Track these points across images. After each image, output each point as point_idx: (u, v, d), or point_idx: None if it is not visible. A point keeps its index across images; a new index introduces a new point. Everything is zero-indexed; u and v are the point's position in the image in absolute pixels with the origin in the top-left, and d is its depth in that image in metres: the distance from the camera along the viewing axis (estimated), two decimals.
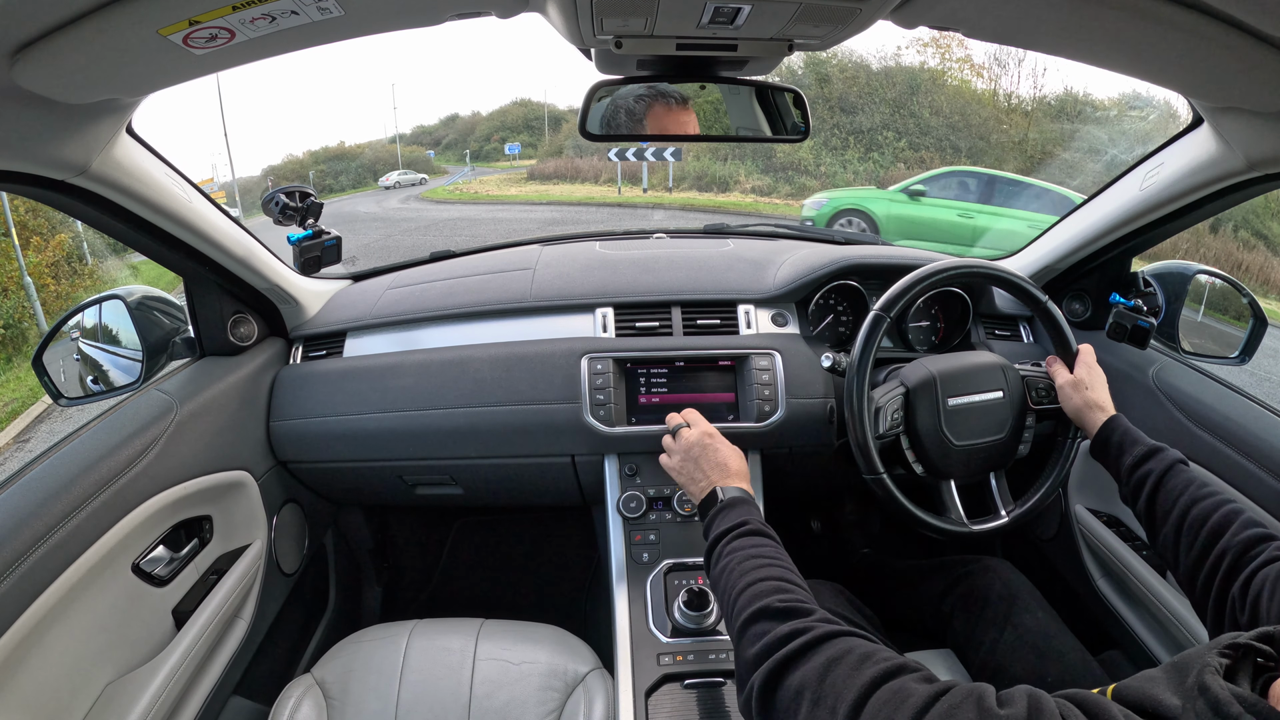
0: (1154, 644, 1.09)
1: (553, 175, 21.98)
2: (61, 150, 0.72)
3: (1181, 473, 0.82)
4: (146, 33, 0.56)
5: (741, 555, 0.73)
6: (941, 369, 1.02)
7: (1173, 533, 0.78)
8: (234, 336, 1.20)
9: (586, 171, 21.02)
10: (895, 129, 17.14)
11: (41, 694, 0.78)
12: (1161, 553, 0.81)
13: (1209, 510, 0.76)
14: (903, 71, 17.78)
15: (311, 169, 31.33)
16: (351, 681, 0.96)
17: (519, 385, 1.17)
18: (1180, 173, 0.96)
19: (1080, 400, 0.97)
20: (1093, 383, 0.98)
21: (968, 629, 0.98)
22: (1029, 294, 1.04)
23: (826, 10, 0.63)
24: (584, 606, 1.71)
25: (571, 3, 0.62)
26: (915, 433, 1.01)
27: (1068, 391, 0.99)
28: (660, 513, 1.14)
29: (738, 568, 0.72)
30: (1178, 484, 0.81)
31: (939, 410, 0.99)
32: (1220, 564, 0.71)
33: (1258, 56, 0.62)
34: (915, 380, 1.01)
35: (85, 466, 0.85)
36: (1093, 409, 0.96)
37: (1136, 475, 0.85)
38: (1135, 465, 0.86)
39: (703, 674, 0.94)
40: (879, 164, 16.73)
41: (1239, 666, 0.42)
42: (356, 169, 30.93)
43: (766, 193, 16.85)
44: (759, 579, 0.68)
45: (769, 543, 0.76)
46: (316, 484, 1.32)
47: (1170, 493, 0.80)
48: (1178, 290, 1.16)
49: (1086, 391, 0.97)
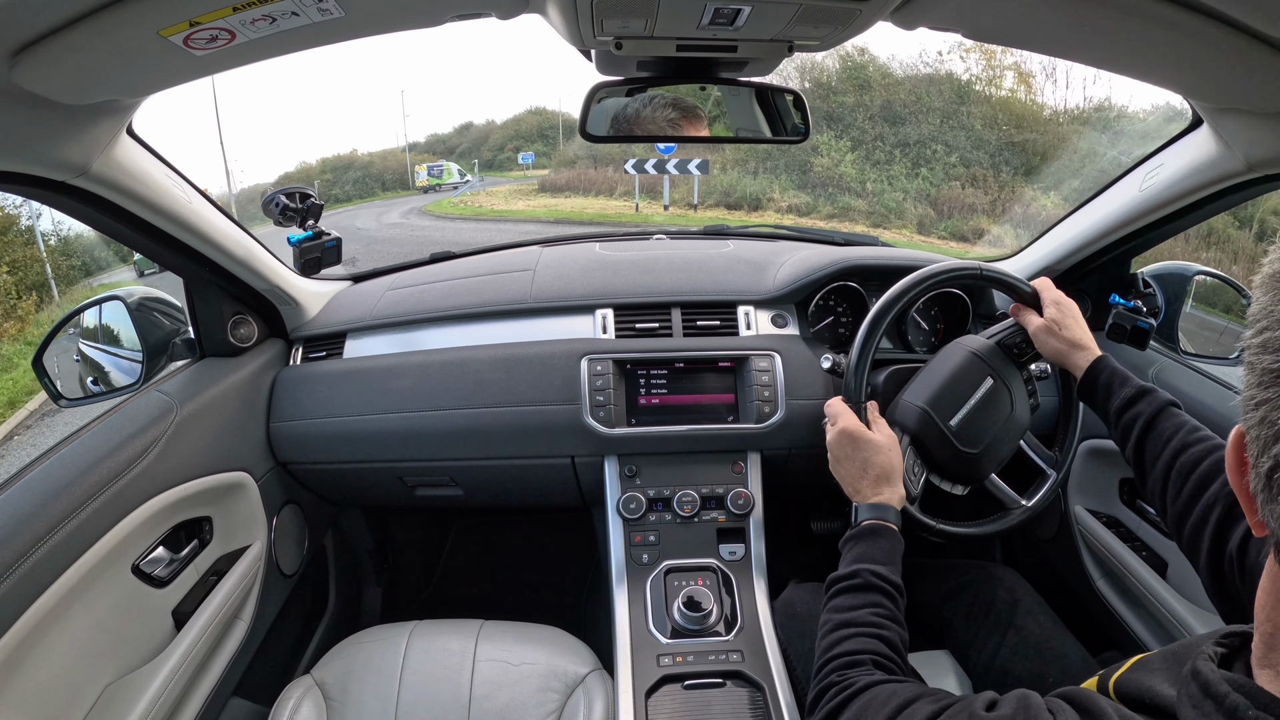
0: (1154, 644, 1.09)
1: (565, 187, 21.03)
2: (62, 151, 0.72)
3: (1173, 416, 0.79)
4: (147, 34, 0.56)
5: (837, 619, 0.75)
6: (928, 396, 0.98)
7: (1160, 478, 0.76)
8: (234, 337, 1.20)
9: (601, 184, 19.99)
10: (945, 142, 15.10)
11: (41, 694, 0.78)
12: (1150, 499, 0.78)
13: (1199, 456, 0.73)
14: (949, 79, 16.01)
15: (318, 177, 31.00)
16: (351, 682, 0.96)
17: (519, 386, 1.17)
18: (1180, 173, 0.96)
19: (1058, 343, 0.93)
20: (1065, 321, 0.93)
21: (970, 633, 0.98)
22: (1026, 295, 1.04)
23: (826, 11, 0.64)
24: (584, 607, 1.71)
25: (571, 4, 0.62)
26: (941, 466, 0.99)
27: (1043, 338, 0.95)
28: (660, 514, 1.14)
29: (831, 635, 0.73)
30: (1168, 427, 0.77)
31: (948, 436, 0.97)
32: (1210, 515, 0.68)
33: (1257, 57, 0.62)
34: (914, 422, 0.98)
35: (85, 467, 0.85)
36: (1074, 350, 0.92)
37: (1126, 418, 0.82)
38: (1124, 407, 0.83)
39: (702, 675, 0.94)
40: (929, 181, 14.79)
41: (1236, 655, 0.42)
42: (362, 178, 30.64)
43: (805, 212, 15.00)
44: (840, 654, 0.70)
45: (869, 601, 0.75)
46: (316, 485, 1.32)
47: (1159, 436, 0.78)
48: (1177, 291, 1.16)
49: (1062, 332, 0.93)
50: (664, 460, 1.17)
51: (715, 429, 1.16)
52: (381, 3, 0.61)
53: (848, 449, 0.89)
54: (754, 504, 1.15)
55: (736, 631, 1.00)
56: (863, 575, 0.77)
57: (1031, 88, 15.04)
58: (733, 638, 0.99)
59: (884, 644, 0.70)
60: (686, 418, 1.17)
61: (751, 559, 1.11)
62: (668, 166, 13.90)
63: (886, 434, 0.91)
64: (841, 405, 0.95)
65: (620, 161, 16.71)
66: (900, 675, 0.68)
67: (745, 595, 1.06)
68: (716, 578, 1.08)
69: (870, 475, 0.87)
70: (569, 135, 32.40)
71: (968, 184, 14.44)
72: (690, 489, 1.14)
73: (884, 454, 0.88)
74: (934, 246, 11.11)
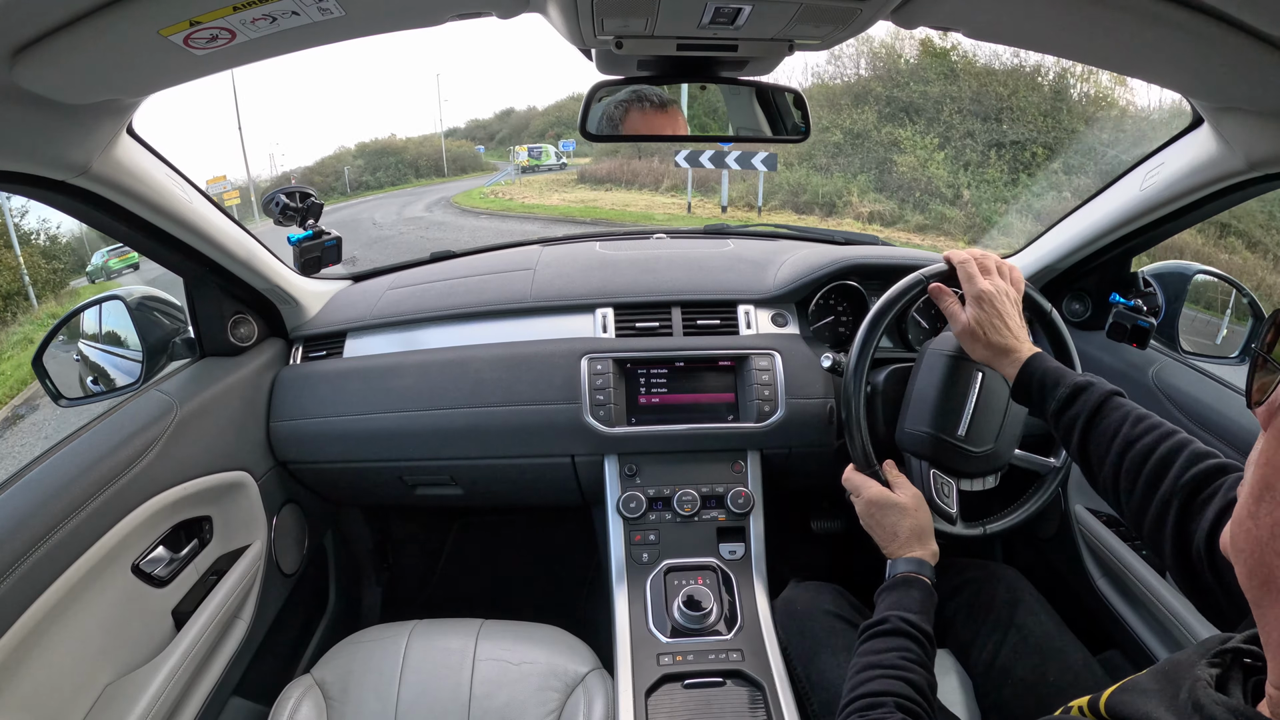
0: (1154, 644, 1.09)
1: (606, 178, 18.45)
2: (62, 150, 0.72)
3: (1113, 410, 0.75)
4: (147, 33, 0.56)
5: (864, 661, 0.75)
6: (929, 419, 0.98)
7: (1110, 480, 0.73)
8: (234, 337, 1.20)
9: (645, 176, 17.42)
10: (1044, 144, 12.19)
11: (41, 694, 0.78)
12: (1103, 496, 0.76)
13: (1146, 450, 0.70)
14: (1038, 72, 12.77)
15: (350, 162, 29.85)
16: (351, 682, 0.96)
17: (519, 385, 1.17)
18: (1180, 173, 0.96)
19: (983, 351, 0.87)
20: (988, 322, 0.86)
21: (971, 632, 0.98)
22: (1028, 297, 1.04)
23: (827, 11, 0.64)
24: (584, 607, 1.71)
25: (572, 3, 0.62)
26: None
27: (968, 343, 0.89)
28: (660, 513, 1.14)
29: (858, 675, 0.74)
30: (1109, 424, 0.74)
31: (961, 447, 0.97)
32: (1167, 512, 0.66)
33: (1258, 56, 0.62)
34: (927, 448, 0.98)
35: (85, 467, 0.85)
36: (1000, 355, 0.86)
37: (1064, 421, 0.79)
38: (1060, 410, 0.79)
39: (702, 674, 0.94)
40: (1030, 189, 11.90)
41: (1229, 673, 0.42)
42: (395, 164, 29.54)
43: (891, 221, 12.15)
44: (863, 694, 0.70)
45: (896, 645, 0.75)
46: (316, 484, 1.32)
47: (1102, 436, 0.74)
48: (1178, 290, 1.16)
49: (988, 335, 0.86)
50: (664, 459, 1.17)
51: (715, 428, 1.16)
52: (382, 2, 0.61)
53: (876, 516, 0.91)
54: (754, 503, 1.15)
55: (736, 631, 1.00)
56: (892, 620, 0.78)
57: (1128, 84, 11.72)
58: (733, 637, 1.00)
59: (909, 686, 0.70)
60: (686, 417, 1.17)
61: (751, 558, 1.11)
62: (727, 159, 11.32)
63: (910, 493, 0.92)
64: (860, 478, 0.95)
65: (668, 152, 14.00)
66: (924, 718, 0.68)
67: (745, 594, 1.06)
68: (716, 577, 1.08)
69: (901, 538, 0.88)
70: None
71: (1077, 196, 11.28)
72: (690, 488, 1.14)
73: (910, 516, 0.89)
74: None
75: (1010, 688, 0.90)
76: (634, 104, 0.90)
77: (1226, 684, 0.41)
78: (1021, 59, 12.74)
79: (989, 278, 0.90)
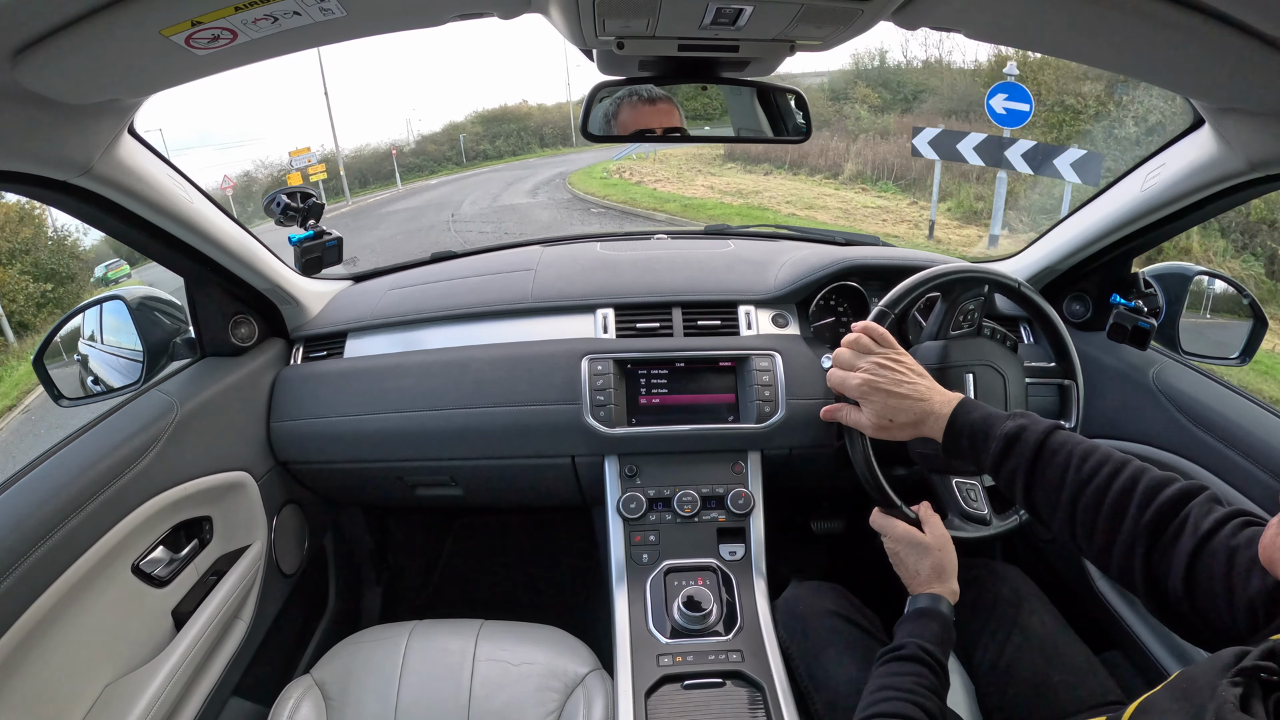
0: (1154, 644, 1.09)
1: (763, 156, 13.92)
2: (63, 150, 0.72)
3: (1054, 455, 0.72)
4: (148, 33, 0.56)
5: (879, 683, 0.75)
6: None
7: (1065, 527, 0.71)
8: (235, 337, 1.20)
9: (816, 157, 12.44)
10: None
11: (41, 694, 0.78)
12: (1062, 541, 0.74)
13: (1098, 494, 0.67)
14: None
15: (468, 130, 27.75)
16: (351, 682, 0.96)
17: (519, 386, 1.17)
18: (1181, 174, 0.96)
19: (904, 433, 0.86)
20: (888, 405, 0.84)
21: (974, 632, 0.98)
22: (1029, 299, 1.05)
23: (828, 11, 0.64)
24: (584, 607, 1.71)
25: (573, 4, 0.62)
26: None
27: (886, 437, 0.88)
28: (660, 514, 1.14)
29: (872, 695, 0.74)
30: (1054, 471, 0.71)
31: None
32: (1133, 554, 0.65)
33: (1258, 57, 0.62)
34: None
35: (85, 467, 0.85)
36: (920, 427, 0.84)
37: (1002, 475, 0.77)
38: (997, 465, 0.76)
39: (702, 675, 0.94)
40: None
41: (1251, 690, 0.42)
42: (517, 133, 27.30)
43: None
44: (877, 714, 0.71)
45: (913, 673, 0.75)
46: (317, 485, 1.32)
47: (1049, 486, 0.72)
48: (1178, 291, 1.16)
49: (896, 419, 0.84)
50: (664, 460, 1.17)
51: (716, 429, 1.16)
52: (383, 2, 0.61)
53: (901, 555, 0.91)
54: (754, 504, 1.15)
55: (736, 631, 1.00)
56: (910, 647, 0.78)
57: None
58: (732, 637, 0.99)
59: (921, 711, 0.71)
60: (687, 417, 1.17)
61: (751, 559, 1.11)
62: (1009, 155, 6.62)
63: (938, 533, 0.91)
64: (886, 520, 0.94)
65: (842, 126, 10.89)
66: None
67: (745, 595, 1.06)
68: (716, 577, 1.08)
69: (923, 575, 0.88)
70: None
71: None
72: (690, 489, 1.14)
73: (932, 556, 0.89)
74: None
75: (1014, 688, 0.90)
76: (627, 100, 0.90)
77: (1249, 703, 0.41)
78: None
79: (857, 365, 0.89)
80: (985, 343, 1.05)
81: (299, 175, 19.11)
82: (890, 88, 15.30)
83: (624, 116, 0.92)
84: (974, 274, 1.04)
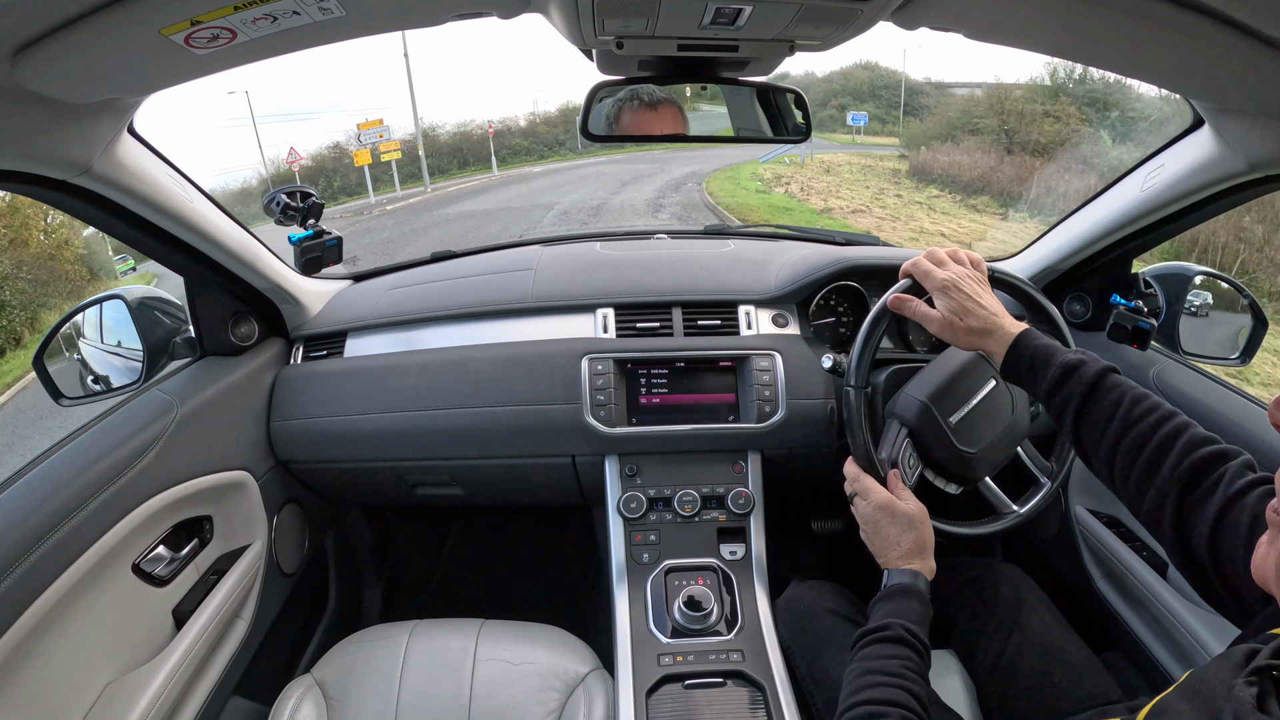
0: (1154, 644, 1.09)
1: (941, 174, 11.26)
2: (63, 150, 0.72)
3: (1109, 391, 0.72)
4: (148, 33, 0.56)
5: (864, 667, 0.73)
6: (930, 391, 0.97)
7: (1105, 466, 0.71)
8: (235, 336, 1.20)
9: (1007, 180, 9.93)
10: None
11: (41, 694, 0.78)
12: (1099, 476, 0.74)
13: (1142, 438, 0.68)
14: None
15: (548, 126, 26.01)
16: (351, 682, 0.96)
17: (519, 385, 1.17)
18: (1181, 174, 0.96)
19: (966, 337, 0.84)
20: (959, 307, 0.83)
21: (974, 632, 0.98)
22: (1029, 296, 1.04)
23: (827, 11, 0.64)
24: (584, 607, 1.71)
25: (573, 4, 0.62)
26: (937, 463, 0.98)
27: (949, 335, 0.85)
28: (660, 513, 1.14)
29: (856, 680, 0.71)
30: (1106, 406, 0.72)
31: (946, 432, 0.96)
32: (1165, 500, 0.65)
33: (1258, 58, 0.62)
34: (913, 415, 0.97)
35: (85, 466, 0.85)
36: (983, 336, 0.82)
37: (1056, 402, 0.76)
38: (1052, 390, 0.76)
39: (703, 674, 0.94)
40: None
41: (1266, 690, 0.41)
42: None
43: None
44: (862, 700, 0.68)
45: (898, 655, 0.73)
46: (317, 484, 1.32)
47: (1096, 420, 0.72)
48: (1178, 291, 1.16)
49: (965, 320, 0.83)
50: (664, 460, 1.17)
51: (716, 428, 1.16)
52: (382, 2, 0.61)
53: (882, 523, 0.88)
54: (754, 503, 1.15)
55: (737, 631, 1.00)
56: (894, 628, 0.76)
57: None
58: (733, 637, 1.00)
59: (912, 697, 0.69)
60: (687, 417, 1.17)
61: (752, 558, 1.11)
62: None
63: (915, 506, 0.89)
64: (867, 479, 0.91)
65: (1055, 144, 9.04)
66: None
67: (746, 595, 1.06)
68: (717, 577, 1.08)
69: (903, 548, 0.85)
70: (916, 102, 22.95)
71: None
72: (691, 488, 1.14)
73: (916, 529, 0.86)
74: None
75: (1014, 688, 0.90)
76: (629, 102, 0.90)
77: (1265, 701, 0.41)
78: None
79: (945, 267, 0.88)
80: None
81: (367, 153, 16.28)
82: (1097, 105, 12.26)
83: (625, 119, 0.91)
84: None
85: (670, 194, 11.31)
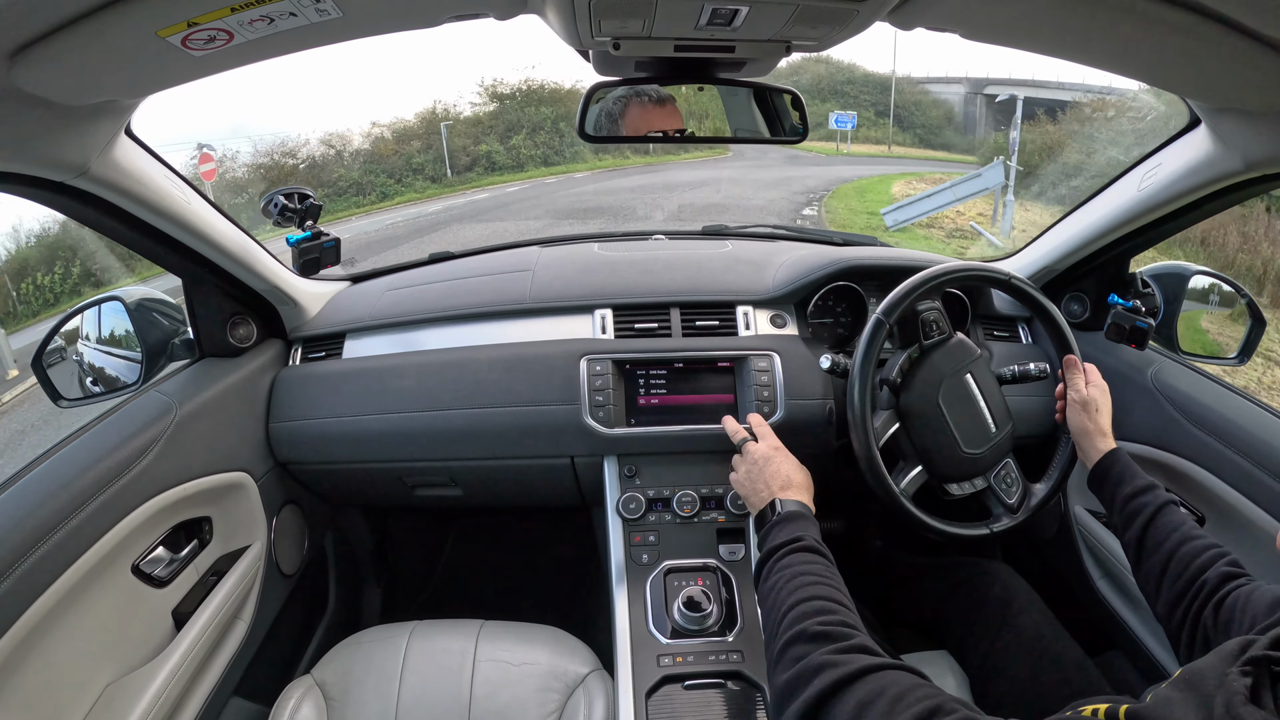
0: (1153, 645, 1.09)
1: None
2: (60, 151, 0.72)
3: (1175, 512, 0.83)
4: (145, 34, 0.56)
5: (790, 573, 0.73)
6: (970, 439, 1.02)
7: (1159, 565, 0.79)
8: (233, 338, 1.20)
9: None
10: None
11: (41, 694, 0.78)
12: (1144, 583, 0.81)
13: (1198, 550, 0.77)
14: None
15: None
16: (351, 682, 0.96)
17: (518, 386, 1.17)
18: (1178, 173, 0.96)
19: (1088, 424, 0.95)
20: (1102, 406, 0.97)
21: (965, 631, 0.99)
22: (1030, 296, 1.05)
23: (824, 12, 0.64)
24: (584, 608, 1.71)
25: (569, 5, 0.62)
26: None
27: (1077, 410, 0.97)
28: (660, 514, 1.14)
29: (785, 586, 0.71)
30: (1172, 521, 0.82)
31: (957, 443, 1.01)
32: (1197, 597, 0.73)
33: (1255, 58, 0.62)
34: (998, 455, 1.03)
35: (85, 467, 0.85)
36: (1096, 436, 0.95)
37: (1132, 505, 0.85)
38: (1131, 496, 0.86)
39: (702, 675, 0.94)
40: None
41: (1260, 680, 0.42)
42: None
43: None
44: (802, 599, 0.68)
45: (820, 560, 0.74)
46: (316, 485, 1.32)
47: (1164, 528, 0.81)
48: (1176, 291, 1.16)
49: (1096, 415, 0.96)
50: (663, 460, 1.17)
51: (715, 429, 1.16)
52: (379, 3, 0.61)
53: (776, 461, 0.94)
54: None
55: (736, 632, 1.00)
56: (807, 540, 0.78)
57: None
58: (733, 638, 1.00)
59: (842, 594, 0.69)
60: (686, 418, 1.17)
61: (751, 559, 1.11)
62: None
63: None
64: (761, 425, 1.02)
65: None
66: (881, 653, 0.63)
67: (745, 595, 1.06)
68: (716, 578, 1.08)
69: (795, 483, 0.91)
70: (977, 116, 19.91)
71: None
72: (690, 489, 1.14)
73: (801, 470, 0.94)
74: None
75: (1004, 686, 0.90)
76: (632, 100, 0.90)
77: (1258, 692, 0.41)
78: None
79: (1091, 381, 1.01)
80: (955, 350, 1.06)
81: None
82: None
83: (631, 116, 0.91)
84: (970, 273, 1.04)
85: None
